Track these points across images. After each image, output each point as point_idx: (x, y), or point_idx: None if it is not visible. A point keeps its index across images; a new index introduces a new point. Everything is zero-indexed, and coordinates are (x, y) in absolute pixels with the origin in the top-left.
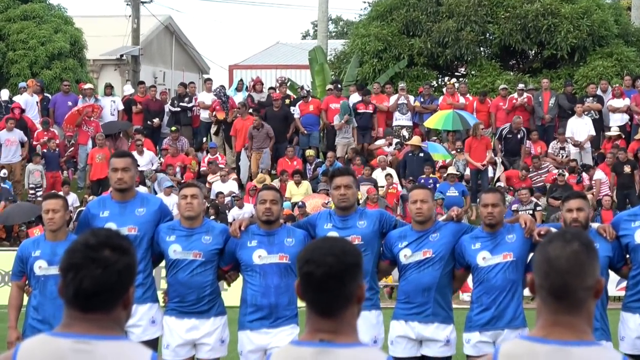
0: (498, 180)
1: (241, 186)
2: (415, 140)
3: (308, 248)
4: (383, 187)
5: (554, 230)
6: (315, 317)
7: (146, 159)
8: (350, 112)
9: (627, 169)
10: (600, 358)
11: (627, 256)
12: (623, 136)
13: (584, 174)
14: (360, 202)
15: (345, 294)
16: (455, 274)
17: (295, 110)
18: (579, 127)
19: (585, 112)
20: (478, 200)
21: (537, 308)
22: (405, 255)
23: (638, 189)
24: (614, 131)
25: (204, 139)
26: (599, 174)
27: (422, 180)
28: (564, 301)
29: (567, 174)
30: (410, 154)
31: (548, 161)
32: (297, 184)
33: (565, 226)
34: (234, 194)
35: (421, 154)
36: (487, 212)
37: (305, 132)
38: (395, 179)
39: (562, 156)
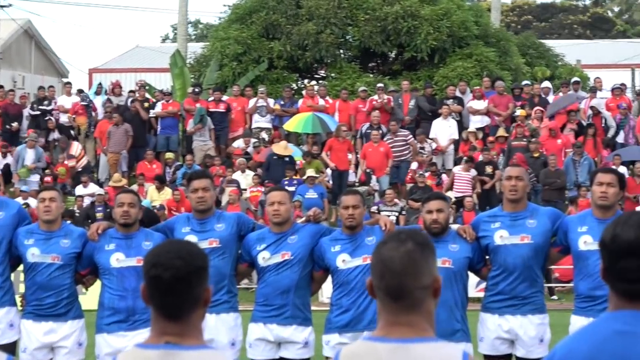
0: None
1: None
2: (283, 150)
3: (154, 251)
4: (246, 189)
5: None
6: (162, 320)
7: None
8: (203, 118)
9: (488, 169)
10: (439, 353)
11: (487, 257)
12: (480, 136)
13: (444, 176)
14: (222, 204)
15: (193, 297)
16: (314, 276)
17: (155, 110)
18: (443, 130)
19: (449, 114)
20: (338, 202)
21: (377, 309)
22: (264, 258)
23: (499, 190)
24: (470, 131)
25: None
26: (458, 171)
27: (286, 183)
28: (402, 301)
29: (426, 175)
30: (274, 157)
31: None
32: (159, 189)
33: (426, 227)
34: (99, 194)
35: (285, 157)
36: (348, 214)
37: (159, 130)
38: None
39: (423, 156)
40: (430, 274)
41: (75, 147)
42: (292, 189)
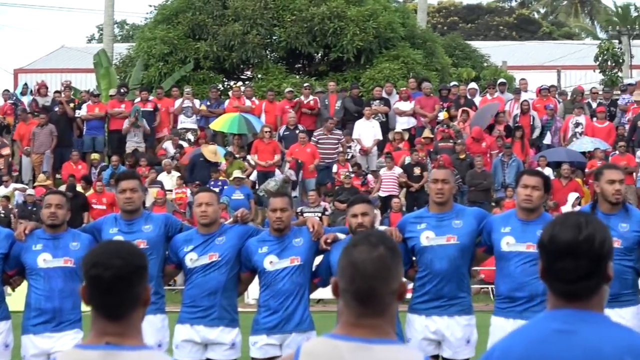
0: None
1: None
2: (212, 155)
3: (94, 251)
4: (171, 190)
5: (340, 235)
6: (102, 320)
7: None
8: (138, 116)
9: (417, 171)
10: (401, 355)
11: (414, 258)
12: (406, 137)
13: (370, 176)
14: (147, 205)
15: (133, 296)
16: (241, 277)
17: (80, 112)
18: (366, 130)
19: (373, 115)
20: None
21: (338, 310)
22: (191, 259)
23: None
24: (397, 132)
25: None
26: (385, 172)
27: (212, 184)
28: (369, 305)
29: (352, 176)
30: (200, 159)
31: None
32: (85, 190)
33: (351, 231)
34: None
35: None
36: (276, 217)
37: (85, 130)
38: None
39: (348, 156)
40: (398, 278)
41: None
42: (217, 189)
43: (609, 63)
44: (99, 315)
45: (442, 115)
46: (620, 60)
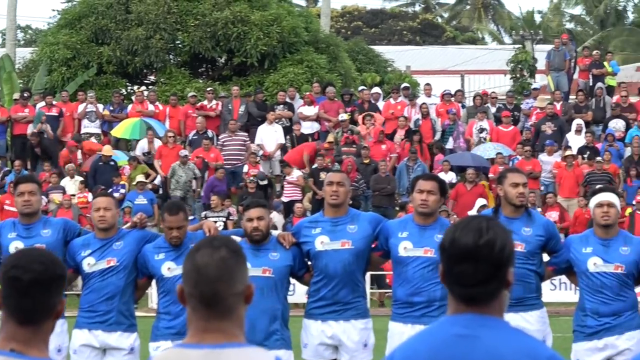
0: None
1: None
2: (106, 149)
3: (15, 255)
4: (74, 194)
5: (235, 238)
6: (13, 324)
7: None
8: (42, 120)
9: (323, 175)
10: (250, 358)
11: (310, 263)
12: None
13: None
14: (52, 210)
15: (48, 304)
16: (137, 283)
17: None
18: (269, 135)
19: (277, 120)
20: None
21: (188, 316)
22: (89, 264)
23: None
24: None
25: None
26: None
27: (113, 188)
28: (215, 308)
29: (257, 182)
30: (100, 163)
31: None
32: None
33: (247, 235)
34: None
35: (111, 162)
36: (173, 234)
37: None
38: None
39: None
40: (243, 281)
41: None
42: (118, 194)
43: (522, 71)
44: (11, 318)
45: (344, 118)
46: (534, 69)
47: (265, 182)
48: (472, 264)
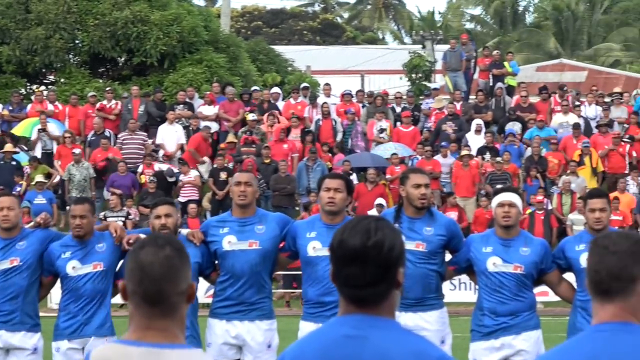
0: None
1: None
2: (8, 146)
3: None
4: None
5: (143, 236)
6: None
7: None
8: None
9: (223, 175)
10: (190, 359)
11: (217, 262)
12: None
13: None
14: None
15: None
16: (42, 282)
17: None
18: (169, 135)
19: (176, 120)
20: (68, 208)
21: (129, 313)
22: None
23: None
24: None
25: None
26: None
27: (14, 188)
28: (158, 307)
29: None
30: (1, 162)
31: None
32: None
33: (154, 232)
34: None
35: (12, 162)
36: (76, 224)
37: None
38: None
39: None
40: (186, 279)
41: None
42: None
43: (419, 75)
44: None
45: (248, 117)
46: (430, 72)
47: (174, 179)
48: (361, 265)
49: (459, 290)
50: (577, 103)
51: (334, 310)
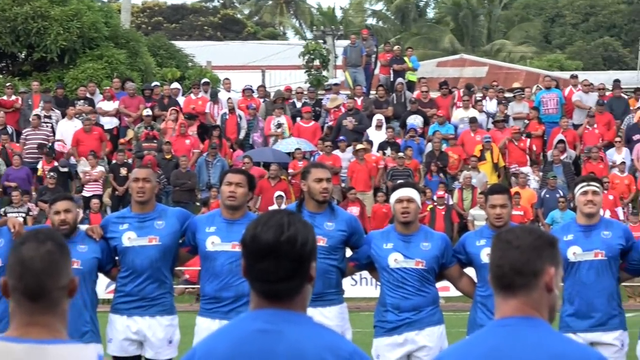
0: None
1: None
2: None
3: None
4: None
5: None
6: None
7: None
8: None
9: (123, 171)
10: (76, 355)
11: (117, 258)
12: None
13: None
14: None
15: None
16: None
17: None
18: (69, 131)
19: (77, 115)
20: None
21: (11, 309)
22: None
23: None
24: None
25: None
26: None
27: None
28: (40, 302)
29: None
30: None
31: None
32: None
33: (54, 228)
34: None
35: None
36: None
37: None
38: None
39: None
40: (68, 274)
41: None
42: None
43: (315, 63)
44: None
45: (146, 113)
46: (327, 61)
47: (66, 169)
48: (274, 260)
49: (361, 286)
50: (479, 98)
51: (230, 306)
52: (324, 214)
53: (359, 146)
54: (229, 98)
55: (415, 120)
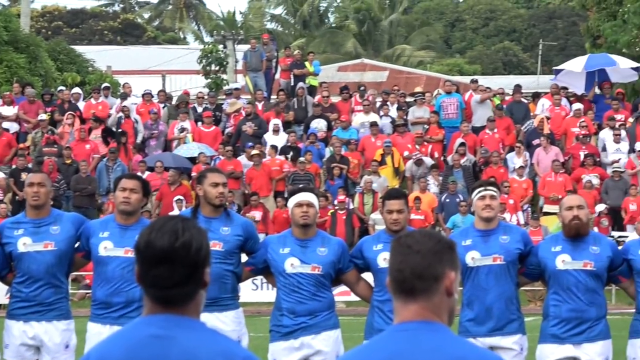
0: None
1: None
2: None
3: None
4: None
5: None
6: None
7: None
8: None
9: (24, 176)
10: None
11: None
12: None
13: None
14: None
15: None
16: None
17: None
18: None
19: None
20: None
21: None
22: None
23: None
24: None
25: None
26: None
27: None
28: None
29: None
30: None
31: None
32: None
33: None
34: None
35: None
36: None
37: None
38: None
39: None
40: None
41: None
42: None
43: (213, 66)
44: None
45: (44, 117)
46: (225, 63)
47: None
48: (169, 266)
49: (262, 290)
50: (379, 102)
51: (121, 311)
52: (220, 218)
53: (254, 151)
54: (125, 106)
55: (318, 125)
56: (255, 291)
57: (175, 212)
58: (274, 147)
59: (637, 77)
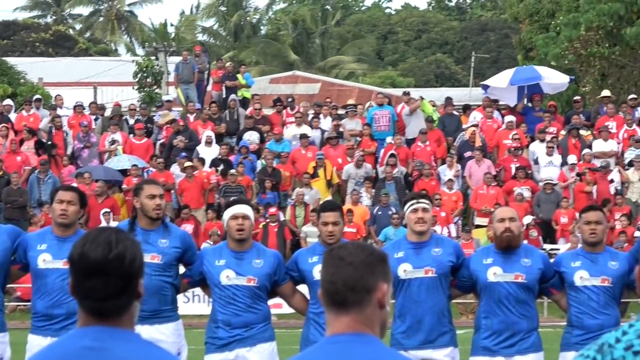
0: None
1: None
2: None
3: None
4: None
5: None
6: None
7: None
8: None
9: None
10: None
11: None
12: None
13: None
14: None
15: None
16: None
17: None
18: None
19: None
20: None
21: None
22: None
23: None
24: None
25: None
26: None
27: None
28: None
29: None
30: None
31: None
32: None
33: None
34: None
35: None
36: None
37: None
38: None
39: None
40: None
41: None
42: None
43: (148, 80)
44: None
45: None
46: (160, 78)
47: None
48: (103, 278)
49: (193, 303)
50: (312, 115)
51: (62, 323)
52: (158, 230)
53: (187, 164)
54: (57, 117)
55: (251, 137)
56: (186, 304)
57: (103, 224)
58: (201, 159)
59: (565, 89)
